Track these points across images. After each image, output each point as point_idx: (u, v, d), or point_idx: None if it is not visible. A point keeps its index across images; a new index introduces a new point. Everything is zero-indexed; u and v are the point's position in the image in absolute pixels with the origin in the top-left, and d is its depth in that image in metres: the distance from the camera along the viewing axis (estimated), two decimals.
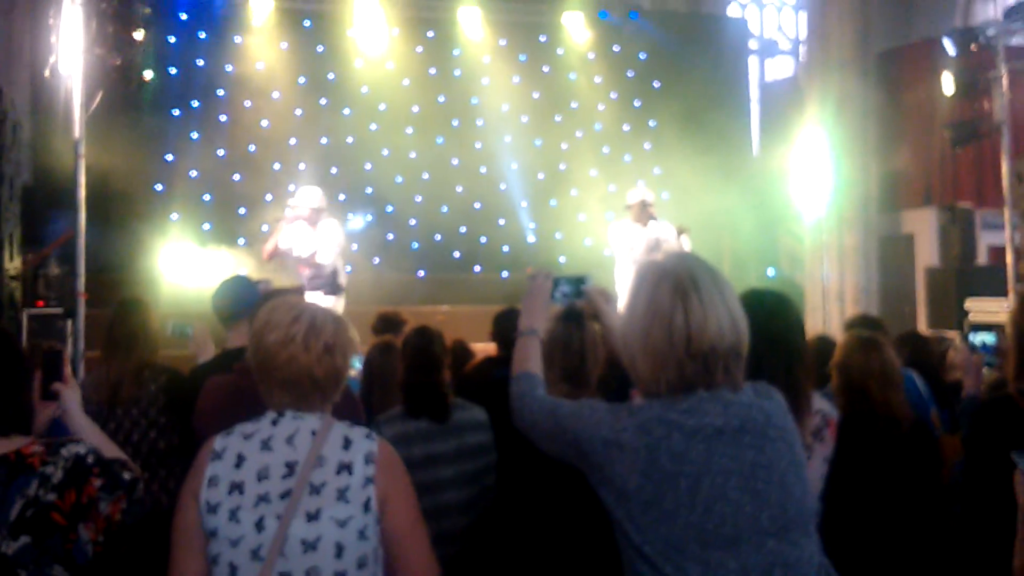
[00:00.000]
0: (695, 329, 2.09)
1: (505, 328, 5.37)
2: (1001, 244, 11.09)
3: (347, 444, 2.46)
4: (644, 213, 9.67)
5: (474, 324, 8.66)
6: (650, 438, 2.06)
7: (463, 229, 13.89)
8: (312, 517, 2.35)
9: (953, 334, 8.76)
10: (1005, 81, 10.17)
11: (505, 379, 4.85)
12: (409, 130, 13.69)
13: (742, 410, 2.10)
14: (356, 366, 5.52)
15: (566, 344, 3.54)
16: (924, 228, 14.38)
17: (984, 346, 4.21)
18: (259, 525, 2.34)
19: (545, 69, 14.65)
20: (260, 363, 2.50)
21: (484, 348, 6.65)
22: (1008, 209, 10.36)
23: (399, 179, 13.52)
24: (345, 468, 2.42)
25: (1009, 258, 10.40)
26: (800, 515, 2.11)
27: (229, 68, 13.11)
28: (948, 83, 10.39)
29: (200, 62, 13.05)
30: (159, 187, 12.44)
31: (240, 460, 2.41)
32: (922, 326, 12.82)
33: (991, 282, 11.42)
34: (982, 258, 13.50)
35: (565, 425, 2.27)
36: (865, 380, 3.73)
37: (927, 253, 14.13)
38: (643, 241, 9.59)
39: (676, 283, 2.14)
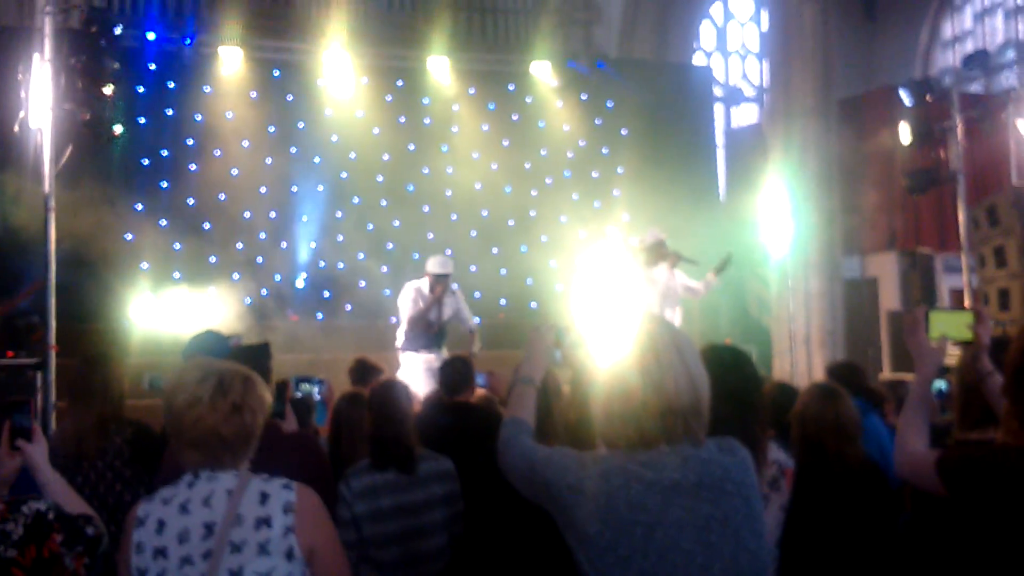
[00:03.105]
0: (651, 390, 2.20)
1: (449, 376, 5.42)
2: (962, 287, 11.24)
3: (264, 499, 2.52)
4: (662, 254, 9.42)
5: None
6: (610, 486, 2.16)
7: None
8: (235, 574, 2.42)
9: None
10: (960, 130, 10.38)
11: (450, 427, 4.92)
12: (379, 178, 13.79)
13: (700, 465, 2.20)
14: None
15: None
16: (888, 272, 14.57)
17: (940, 393, 4.30)
18: None
19: (514, 117, 14.81)
20: (170, 423, 2.57)
21: None
22: (965, 254, 10.53)
23: (370, 227, 13.59)
24: (263, 522, 2.48)
25: (967, 302, 10.55)
26: (753, 567, 2.21)
27: (198, 117, 13.11)
28: (905, 133, 10.59)
29: (169, 112, 13.07)
30: (128, 236, 12.35)
31: (161, 525, 2.48)
32: (886, 369, 12.96)
33: None
34: (944, 301, 13.66)
35: (538, 470, 2.36)
36: (820, 431, 3.78)
37: (891, 296, 14.29)
38: (666, 284, 9.36)
39: (636, 346, 2.25)
